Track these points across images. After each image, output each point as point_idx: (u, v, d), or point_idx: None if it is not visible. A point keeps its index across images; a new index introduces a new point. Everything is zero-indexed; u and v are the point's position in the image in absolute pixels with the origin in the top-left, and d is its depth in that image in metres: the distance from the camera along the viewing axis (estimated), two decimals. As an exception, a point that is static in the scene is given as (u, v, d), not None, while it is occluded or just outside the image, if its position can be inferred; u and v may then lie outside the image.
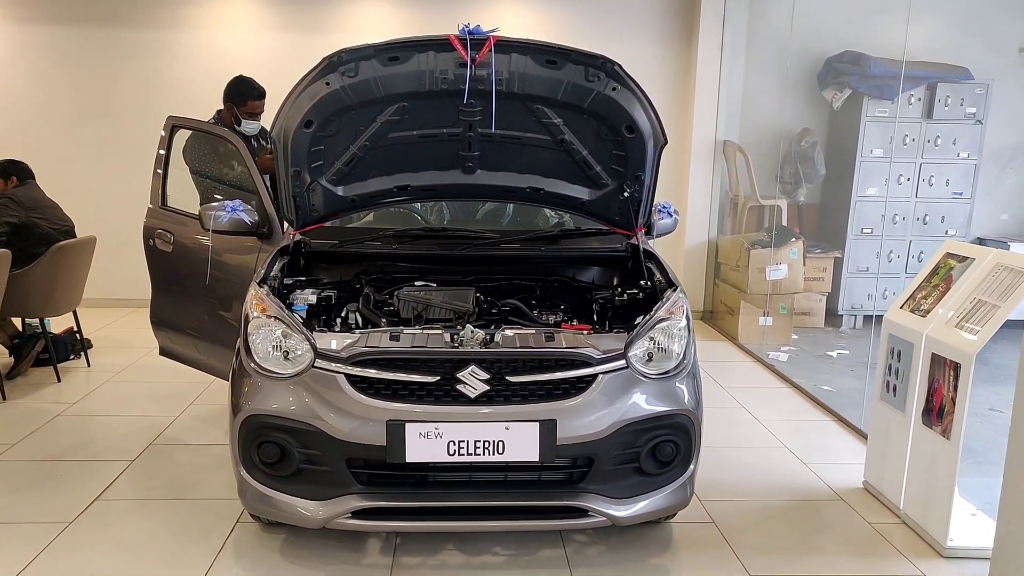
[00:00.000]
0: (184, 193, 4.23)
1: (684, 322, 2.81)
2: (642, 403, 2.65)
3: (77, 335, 5.18)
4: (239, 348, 2.80)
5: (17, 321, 4.98)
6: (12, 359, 4.84)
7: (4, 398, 4.44)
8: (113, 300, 6.62)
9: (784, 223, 6.59)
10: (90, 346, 5.35)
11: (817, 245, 6.66)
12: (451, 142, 3.13)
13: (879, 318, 6.40)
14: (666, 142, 3.09)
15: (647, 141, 3.05)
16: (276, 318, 2.69)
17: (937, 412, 3.01)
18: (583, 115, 3.01)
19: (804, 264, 6.31)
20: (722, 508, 3.31)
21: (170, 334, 4.14)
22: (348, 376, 2.57)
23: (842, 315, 6.67)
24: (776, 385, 5.20)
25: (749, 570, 2.85)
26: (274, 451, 2.63)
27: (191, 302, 3.96)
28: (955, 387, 2.93)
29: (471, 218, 4.09)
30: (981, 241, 6.58)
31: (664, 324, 2.76)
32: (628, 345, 2.69)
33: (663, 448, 2.71)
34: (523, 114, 3.02)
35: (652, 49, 6.78)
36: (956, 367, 2.93)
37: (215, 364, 3.98)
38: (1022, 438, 2.51)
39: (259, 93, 4.36)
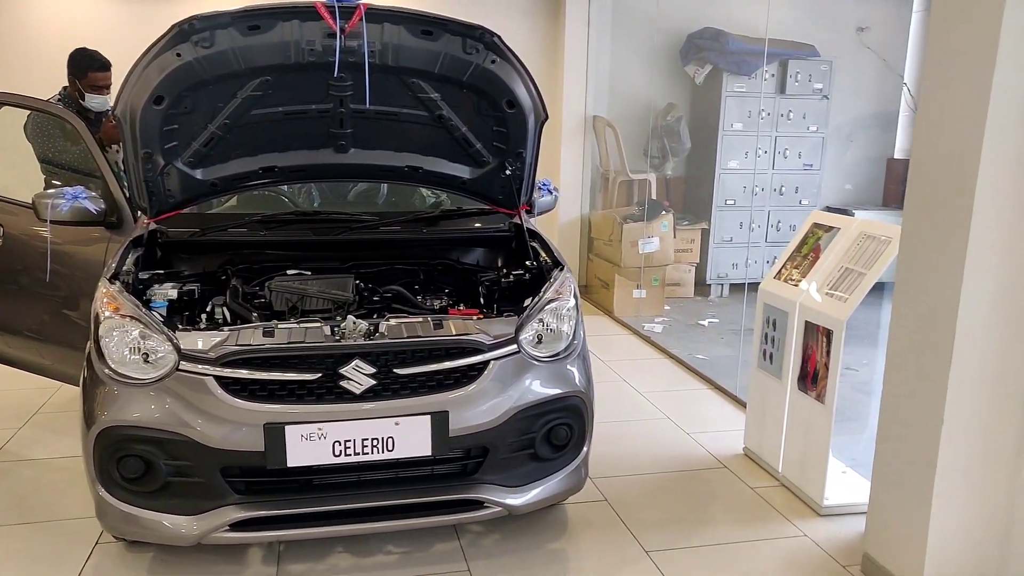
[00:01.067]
0: (16, 178, 3.78)
1: (572, 302, 2.77)
2: (535, 387, 2.59)
3: None
4: (89, 353, 2.50)
5: None
6: None
7: None
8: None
9: (654, 197, 6.74)
10: (-93, 354, 4.71)
11: (685, 217, 6.87)
12: (321, 119, 2.91)
13: (745, 286, 6.78)
14: (547, 117, 3.02)
15: (528, 116, 2.96)
16: (131, 317, 2.42)
17: (811, 378, 3.13)
18: (462, 89, 2.88)
19: (675, 236, 6.48)
20: (613, 485, 3.33)
21: (5, 337, 3.67)
22: (218, 378, 2.35)
23: (710, 284, 6.93)
24: (653, 356, 5.32)
25: (645, 547, 2.87)
26: (137, 465, 2.37)
27: (29, 301, 3.53)
28: (828, 353, 3.05)
29: (343, 200, 3.87)
30: (829, 210, 7.00)
31: (553, 305, 2.70)
32: (519, 328, 2.61)
33: (557, 432, 2.67)
34: (399, 88, 2.85)
35: (519, 23, 6.70)
36: (828, 333, 3.05)
37: (61, 368, 3.58)
38: (893, 400, 2.64)
39: (100, 64, 3.95)
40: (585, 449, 2.77)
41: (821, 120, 6.80)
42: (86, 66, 3.96)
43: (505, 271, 3.05)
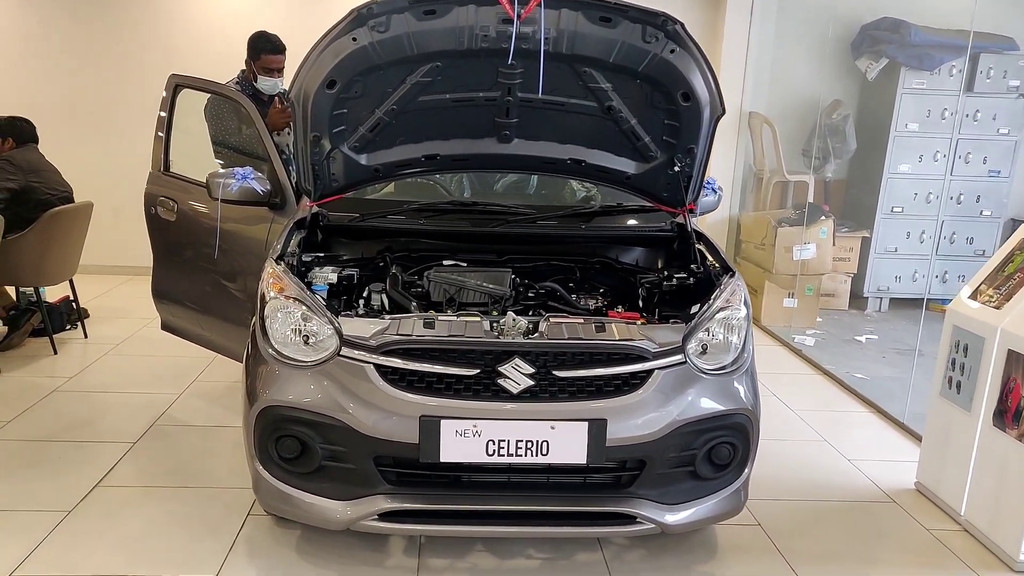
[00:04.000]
0: (191, 158, 3.96)
1: (744, 311, 2.57)
2: (700, 402, 2.41)
3: (73, 304, 4.91)
4: (254, 330, 2.54)
5: (12, 291, 4.71)
6: (6, 330, 4.58)
7: (-3, 372, 4.19)
8: (110, 267, 6.34)
9: (811, 199, 6.32)
10: (87, 316, 5.08)
11: (844, 223, 6.40)
12: (487, 107, 2.84)
13: (907, 301, 6.24)
14: (724, 112, 2.81)
15: (703, 110, 2.77)
16: (296, 299, 2.43)
17: (1012, 414, 2.77)
18: (635, 80, 2.73)
19: (834, 244, 6.05)
20: (768, 509, 3.10)
21: (172, 308, 3.87)
22: (377, 366, 2.32)
23: (867, 297, 6.44)
24: (805, 371, 4.98)
25: (804, 581, 2.64)
26: (294, 446, 2.38)
27: (195, 275, 3.69)
28: (1032, 388, 2.69)
29: (490, 190, 3.80)
30: (1016, 223, 6.33)
31: (723, 314, 2.51)
32: (686, 337, 2.44)
33: (719, 450, 2.48)
34: (569, 77, 2.73)
35: (674, 11, 6.41)
36: (1034, 366, 2.69)
37: (218, 340, 3.72)
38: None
39: (274, 47, 4.03)
40: (747, 471, 2.58)
41: (1015, 121, 6.11)
42: (260, 48, 4.03)
43: (667, 273, 2.88)
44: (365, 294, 2.77)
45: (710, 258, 2.85)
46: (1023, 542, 2.71)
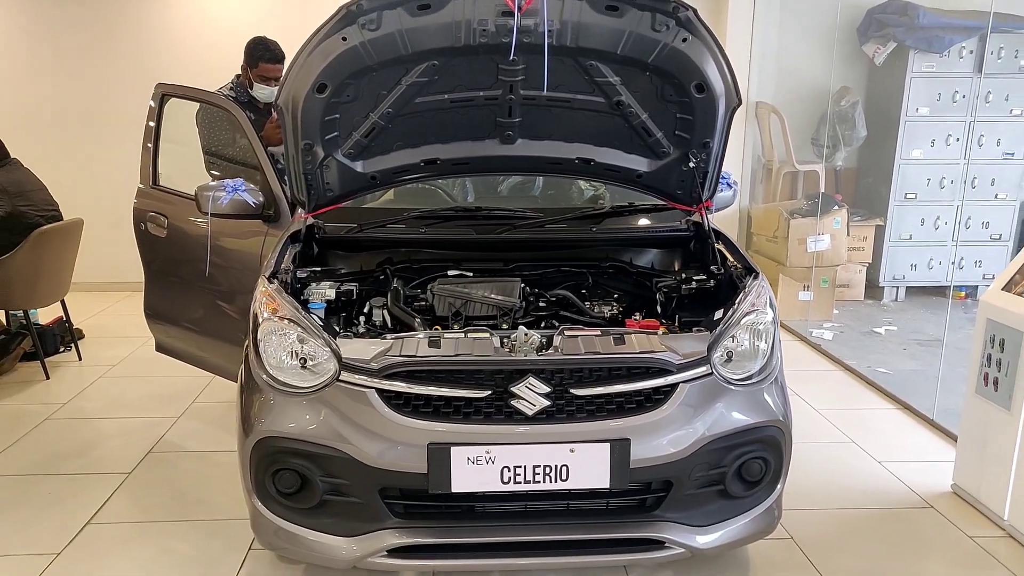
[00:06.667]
0: (183, 170, 3.79)
1: (770, 315, 2.40)
2: (729, 415, 2.24)
3: (67, 325, 4.75)
4: (247, 355, 2.37)
5: (1, 315, 4.55)
6: (-4, 355, 4.42)
7: (-14, 400, 4.03)
8: (107, 284, 6.17)
9: (822, 189, 6.14)
10: (81, 337, 4.93)
11: (857, 212, 6.22)
12: (488, 107, 2.67)
13: (923, 289, 6.07)
14: (740, 103, 2.64)
15: (718, 102, 2.59)
16: (290, 320, 2.26)
17: (1058, 413, 2.61)
18: (645, 72, 2.55)
19: (848, 234, 5.87)
20: (798, 520, 2.92)
21: (167, 328, 3.71)
22: (380, 391, 2.15)
23: (883, 287, 6.26)
24: (826, 367, 4.80)
25: (846, 601, 2.47)
26: (293, 480, 2.21)
27: (189, 293, 3.53)
28: (1077, 384, 2.52)
29: (495, 193, 3.63)
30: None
31: (750, 319, 2.34)
32: (711, 346, 2.26)
33: (750, 466, 2.31)
34: (573, 72, 2.56)
35: None
36: (1079, 361, 2.52)
37: (215, 361, 3.57)
38: None
39: (273, 56, 3.83)
40: (780, 487, 2.41)
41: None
42: (259, 56, 3.85)
43: (685, 276, 2.71)
44: (366, 310, 2.61)
45: (730, 258, 2.69)
46: (1078, 551, 2.54)
